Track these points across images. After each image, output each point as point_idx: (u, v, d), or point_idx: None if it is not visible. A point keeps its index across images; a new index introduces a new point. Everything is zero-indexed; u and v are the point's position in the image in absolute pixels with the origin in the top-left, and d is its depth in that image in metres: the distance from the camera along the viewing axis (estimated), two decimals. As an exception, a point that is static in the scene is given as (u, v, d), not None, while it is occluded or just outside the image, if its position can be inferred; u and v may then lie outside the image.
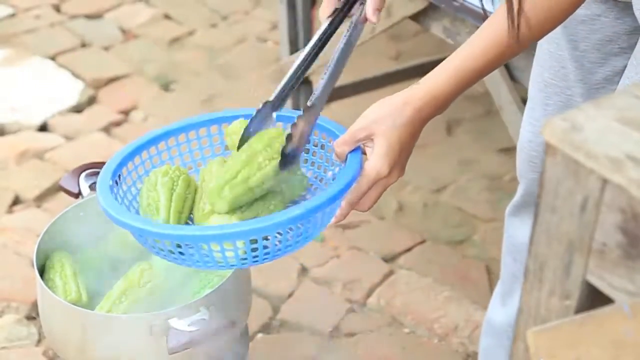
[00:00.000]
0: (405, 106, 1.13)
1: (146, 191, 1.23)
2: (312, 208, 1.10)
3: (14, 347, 1.84)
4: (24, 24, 3.00)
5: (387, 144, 1.13)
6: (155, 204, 1.20)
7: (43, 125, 2.54)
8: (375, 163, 1.13)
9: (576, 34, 1.30)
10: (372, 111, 1.15)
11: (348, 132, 1.17)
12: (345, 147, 1.16)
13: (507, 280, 1.59)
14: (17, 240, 2.09)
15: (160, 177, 1.22)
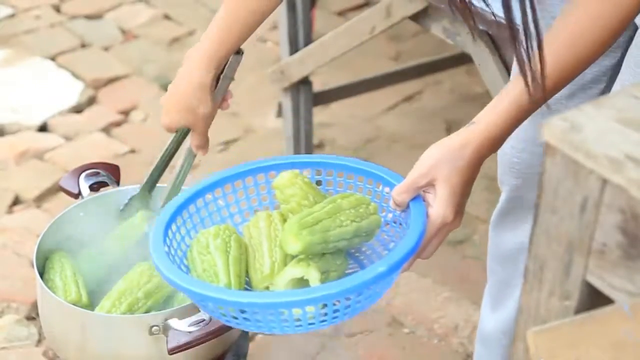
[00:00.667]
0: (464, 148, 1.11)
1: (198, 255, 1.18)
2: (397, 262, 1.07)
3: (14, 347, 1.83)
4: (24, 24, 3.00)
5: (450, 189, 1.11)
6: (212, 269, 1.16)
7: (43, 126, 2.54)
8: (439, 209, 1.12)
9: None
10: (429, 156, 1.13)
11: (408, 179, 1.14)
12: (406, 195, 1.14)
13: (495, 287, 1.58)
14: (17, 240, 2.09)
15: (212, 239, 1.18)
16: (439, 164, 1.11)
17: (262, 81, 2.63)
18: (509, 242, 1.51)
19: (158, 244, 1.17)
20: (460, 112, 2.61)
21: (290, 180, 1.22)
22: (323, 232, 1.14)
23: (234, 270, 1.17)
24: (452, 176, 1.11)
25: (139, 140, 2.49)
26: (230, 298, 1.08)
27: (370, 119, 2.64)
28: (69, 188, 1.52)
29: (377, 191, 1.23)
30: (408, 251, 1.08)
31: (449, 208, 1.12)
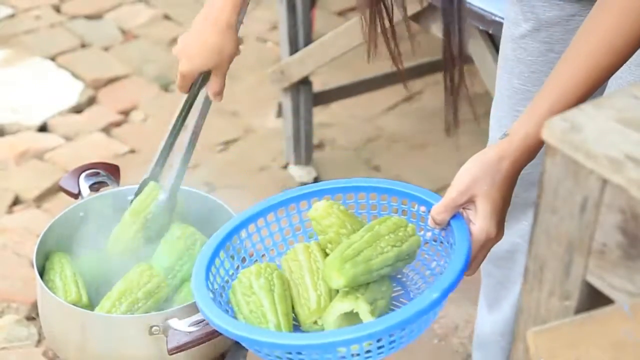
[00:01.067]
0: (501, 161, 1.10)
1: (242, 296, 1.16)
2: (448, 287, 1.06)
3: (14, 347, 1.84)
4: (24, 24, 3.00)
5: (492, 204, 1.10)
6: (259, 310, 1.14)
7: (43, 126, 2.54)
8: (483, 225, 1.11)
9: (550, 36, 1.29)
10: (466, 172, 1.11)
11: (447, 197, 1.13)
12: (446, 214, 1.13)
13: (491, 288, 1.58)
14: (17, 240, 2.09)
15: (255, 279, 1.16)
16: (478, 180, 1.10)
17: (262, 81, 2.63)
18: (503, 243, 1.50)
19: (202, 290, 1.15)
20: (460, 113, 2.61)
21: (326, 211, 1.21)
22: (365, 262, 1.12)
23: (281, 309, 1.15)
24: (492, 191, 1.10)
25: (138, 140, 2.49)
26: (286, 342, 1.06)
27: (370, 119, 2.64)
28: (69, 188, 1.52)
29: (413, 210, 1.21)
30: (458, 274, 1.07)
31: (492, 223, 1.11)
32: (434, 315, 1.11)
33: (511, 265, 1.51)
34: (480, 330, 1.62)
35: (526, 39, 1.30)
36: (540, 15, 1.27)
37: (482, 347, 1.62)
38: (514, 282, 1.52)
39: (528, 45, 1.31)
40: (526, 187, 1.41)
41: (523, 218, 1.46)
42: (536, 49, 1.30)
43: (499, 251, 1.51)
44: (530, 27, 1.29)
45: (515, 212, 1.46)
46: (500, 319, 1.56)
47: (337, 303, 1.12)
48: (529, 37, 1.30)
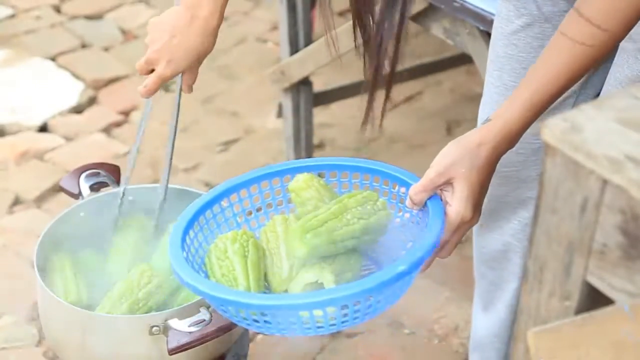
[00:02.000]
0: (481, 146, 1.12)
1: (217, 260, 1.18)
2: (417, 261, 1.07)
3: (14, 348, 1.83)
4: (24, 24, 3.00)
5: (469, 187, 1.11)
6: (231, 274, 1.16)
7: (43, 126, 2.54)
8: (458, 208, 1.12)
9: (543, 32, 1.29)
10: (446, 155, 1.12)
11: (425, 178, 1.14)
12: (424, 194, 1.14)
13: (485, 290, 1.57)
14: (18, 241, 2.09)
15: (230, 244, 1.18)
16: (457, 162, 1.11)
17: (262, 81, 2.63)
18: (495, 243, 1.50)
19: (176, 250, 1.16)
20: (460, 112, 2.61)
21: (306, 183, 1.22)
22: (329, 232, 1.13)
23: (252, 274, 1.17)
24: (470, 174, 1.11)
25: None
26: (251, 301, 1.08)
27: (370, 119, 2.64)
28: (69, 188, 1.52)
29: (394, 192, 1.23)
30: (427, 249, 1.08)
31: (468, 206, 1.12)
32: (402, 288, 1.12)
33: (504, 266, 1.51)
34: (476, 332, 1.62)
35: (518, 34, 1.31)
36: (533, 11, 1.27)
37: (478, 348, 1.62)
38: (507, 282, 1.52)
39: (520, 41, 1.31)
40: (516, 185, 1.41)
41: (513, 217, 1.46)
42: (528, 45, 1.31)
43: (491, 252, 1.51)
44: (523, 22, 1.30)
45: (506, 212, 1.46)
46: (495, 319, 1.56)
47: (303, 273, 1.14)
48: (522, 33, 1.30)
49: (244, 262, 1.17)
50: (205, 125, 2.58)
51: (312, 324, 1.08)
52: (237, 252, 1.17)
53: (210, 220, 1.25)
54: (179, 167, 2.39)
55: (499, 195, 1.43)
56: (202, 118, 2.60)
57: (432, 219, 1.11)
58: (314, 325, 1.08)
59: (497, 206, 1.45)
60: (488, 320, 1.57)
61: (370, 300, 1.08)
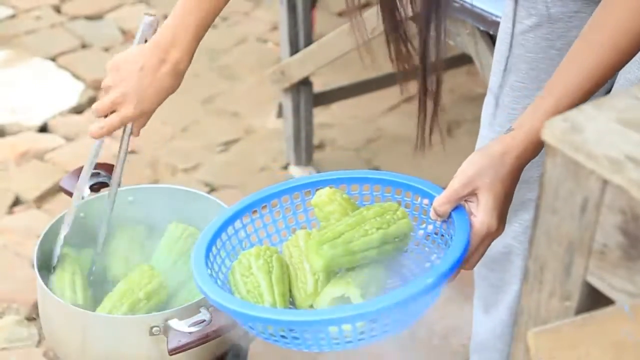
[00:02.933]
0: (505, 156, 1.10)
1: (241, 277, 1.17)
2: (444, 273, 1.06)
3: (15, 348, 1.83)
4: (25, 24, 3.00)
5: (494, 198, 1.10)
6: (257, 290, 1.15)
7: (43, 126, 2.54)
8: (484, 219, 1.10)
9: (552, 32, 1.29)
10: (470, 165, 1.11)
11: (449, 189, 1.13)
12: (448, 205, 1.13)
13: (485, 292, 1.57)
14: (18, 241, 2.09)
15: (254, 260, 1.17)
16: (481, 173, 1.10)
17: (262, 82, 2.63)
18: (496, 245, 1.49)
19: (201, 267, 1.15)
20: (460, 113, 2.61)
21: (329, 198, 1.21)
22: (345, 244, 1.12)
23: (277, 289, 1.16)
24: (495, 185, 1.10)
25: (139, 141, 2.48)
26: (280, 317, 1.07)
27: (370, 119, 2.64)
28: (69, 189, 1.52)
29: (416, 203, 1.22)
30: (454, 262, 1.07)
31: (493, 217, 1.11)
32: (429, 301, 1.11)
33: (506, 268, 1.50)
34: (477, 334, 1.61)
35: (526, 35, 1.30)
36: (542, 12, 1.27)
37: (479, 350, 1.62)
38: (509, 284, 1.51)
39: (528, 41, 1.31)
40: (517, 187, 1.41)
41: (515, 220, 1.45)
42: (536, 45, 1.30)
43: (492, 254, 1.50)
44: (532, 23, 1.29)
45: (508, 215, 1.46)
46: (496, 321, 1.55)
47: (329, 288, 1.13)
48: (530, 34, 1.30)
49: (268, 278, 1.16)
50: (206, 125, 2.58)
51: (341, 338, 1.07)
52: (262, 268, 1.16)
53: (233, 237, 1.24)
54: (179, 167, 2.39)
55: None
56: (202, 118, 2.60)
57: (458, 231, 1.10)
58: (342, 340, 1.07)
59: None
60: (489, 322, 1.57)
61: (398, 313, 1.07)
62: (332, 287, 1.13)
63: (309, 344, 1.08)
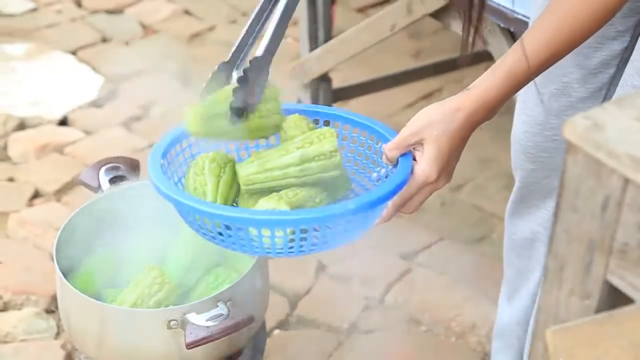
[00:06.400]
0: (457, 112, 1.14)
1: (193, 175, 1.24)
2: (366, 203, 1.11)
3: (33, 339, 1.85)
4: (46, 18, 3.02)
5: (437, 150, 1.14)
6: (202, 188, 1.22)
7: (63, 120, 2.55)
8: (424, 168, 1.15)
9: None
10: (423, 116, 1.16)
11: (399, 136, 1.17)
12: (397, 151, 1.18)
13: (511, 278, 1.59)
14: (37, 233, 2.11)
15: (208, 162, 1.24)
16: (431, 125, 1.14)
17: (281, 77, 2.63)
18: (523, 230, 1.51)
19: (156, 156, 1.22)
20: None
21: (295, 123, 1.27)
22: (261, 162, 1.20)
23: (221, 192, 1.22)
24: (441, 138, 1.14)
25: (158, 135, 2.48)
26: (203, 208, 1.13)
27: (389, 115, 2.63)
28: (89, 182, 1.53)
29: (377, 147, 1.26)
30: (381, 196, 1.12)
31: (433, 167, 1.15)
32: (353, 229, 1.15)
33: (531, 254, 1.52)
34: (500, 320, 1.63)
35: None
36: None
37: (500, 336, 1.63)
38: (532, 271, 1.53)
39: None
40: (547, 173, 1.42)
41: (543, 206, 1.47)
42: None
43: (519, 239, 1.52)
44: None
45: (536, 200, 1.46)
46: (517, 307, 1.57)
47: (261, 201, 1.18)
48: None
49: (216, 181, 1.22)
50: (224, 120, 2.59)
51: (272, 244, 1.12)
52: (213, 171, 1.23)
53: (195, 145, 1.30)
54: (198, 161, 2.40)
55: (532, 181, 1.44)
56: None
57: (397, 172, 1.16)
58: (273, 247, 1.13)
59: (530, 193, 1.46)
60: (512, 308, 1.59)
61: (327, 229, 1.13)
62: (265, 201, 1.18)
63: (242, 245, 1.15)
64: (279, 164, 1.20)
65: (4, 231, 2.13)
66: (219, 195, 1.22)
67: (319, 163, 1.21)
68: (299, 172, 1.20)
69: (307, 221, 1.11)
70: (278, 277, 1.97)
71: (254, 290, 1.40)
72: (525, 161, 1.44)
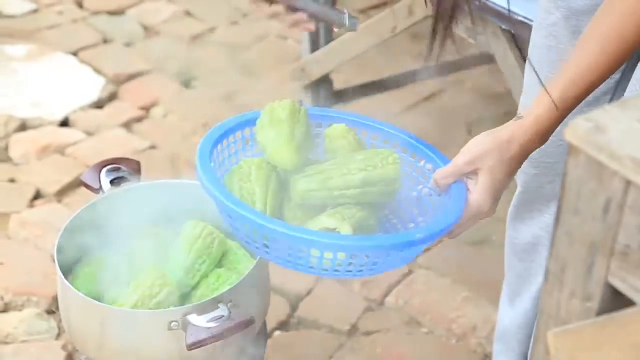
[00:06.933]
0: (511, 143, 1.14)
1: (238, 181, 1.20)
2: (433, 233, 1.10)
3: (34, 340, 1.85)
4: (47, 19, 3.02)
5: (493, 180, 1.15)
6: (250, 197, 1.18)
7: (64, 121, 2.55)
8: (478, 198, 1.15)
9: (579, 24, 1.30)
10: (476, 145, 1.16)
11: (453, 165, 1.17)
12: (450, 179, 1.18)
13: (512, 281, 1.59)
14: (38, 234, 2.11)
15: (255, 169, 1.20)
16: (486, 155, 1.14)
17: (283, 79, 2.63)
18: (525, 235, 1.51)
19: (205, 159, 1.17)
20: (481, 112, 2.60)
21: (342, 133, 1.24)
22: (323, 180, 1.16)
23: (270, 202, 1.18)
24: (496, 168, 1.14)
25: (159, 137, 2.50)
26: (271, 225, 1.08)
27: (390, 117, 2.63)
28: (90, 183, 1.53)
29: (419, 166, 1.25)
30: (444, 228, 1.12)
31: (488, 198, 1.15)
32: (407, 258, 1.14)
33: (533, 258, 1.52)
34: (502, 323, 1.63)
35: (557, 26, 1.32)
36: (571, 4, 1.29)
37: (501, 339, 1.63)
38: (535, 275, 1.53)
39: (559, 32, 1.32)
40: (551, 179, 1.42)
41: (547, 211, 1.47)
42: (566, 37, 1.32)
43: (522, 243, 1.52)
44: (561, 15, 1.31)
45: (539, 205, 1.46)
46: (520, 311, 1.57)
47: (324, 217, 1.15)
48: (560, 25, 1.31)
49: (265, 189, 1.18)
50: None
51: (319, 265, 1.09)
52: (261, 179, 1.19)
53: (239, 141, 1.26)
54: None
55: (535, 186, 1.45)
56: (223, 114, 2.60)
57: (454, 203, 1.15)
58: (319, 267, 1.10)
59: (532, 198, 1.46)
60: (514, 312, 1.59)
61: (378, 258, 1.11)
62: (328, 217, 1.15)
63: (286, 260, 1.11)
64: (340, 185, 1.17)
65: (5, 232, 2.13)
66: (269, 206, 1.18)
67: (380, 188, 1.19)
68: (358, 194, 1.18)
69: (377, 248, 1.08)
70: (279, 278, 1.97)
71: (255, 292, 1.40)
72: (529, 166, 1.44)
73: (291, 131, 1.19)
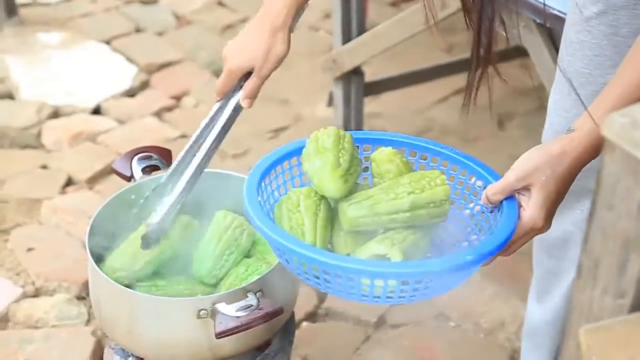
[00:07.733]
0: (564, 155, 1.12)
1: (287, 212, 1.19)
2: (484, 254, 1.08)
3: (65, 325, 1.87)
4: (80, 8, 3.04)
5: (546, 195, 1.12)
6: (300, 228, 1.17)
7: (96, 109, 2.57)
8: (532, 214, 1.12)
9: (617, 19, 1.28)
10: (528, 160, 1.13)
11: (504, 181, 1.15)
12: (501, 195, 1.15)
13: (541, 278, 1.57)
14: (70, 221, 2.13)
15: (303, 199, 1.19)
16: (538, 170, 1.12)
17: (313, 70, 2.64)
18: (555, 230, 1.50)
19: (252, 193, 1.17)
20: (512, 106, 2.59)
21: (389, 157, 1.23)
22: (371, 205, 1.15)
23: (320, 232, 1.17)
24: (549, 183, 1.11)
25: (190, 126, 2.51)
26: (319, 257, 1.07)
27: (420, 110, 2.63)
28: (122, 171, 1.54)
29: (469, 183, 1.23)
30: (496, 247, 1.09)
31: (541, 214, 1.12)
32: (460, 279, 1.12)
33: (563, 255, 1.51)
34: (530, 319, 1.62)
35: (592, 21, 1.30)
36: None
37: (531, 336, 1.62)
38: (565, 271, 1.52)
39: (593, 28, 1.30)
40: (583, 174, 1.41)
41: (577, 206, 1.46)
42: (601, 32, 1.30)
43: (551, 239, 1.51)
44: (597, 10, 1.29)
45: (570, 201, 1.45)
46: (550, 308, 1.56)
47: (373, 244, 1.14)
48: (595, 20, 1.29)
49: (314, 219, 1.17)
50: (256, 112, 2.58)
51: (370, 293, 1.08)
52: (309, 208, 1.18)
53: (286, 171, 1.26)
54: (229, 153, 2.41)
55: None
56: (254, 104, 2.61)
57: (506, 220, 1.12)
58: (371, 295, 1.08)
59: None
60: (543, 308, 1.57)
61: (430, 282, 1.09)
62: (377, 243, 1.14)
63: (339, 290, 1.10)
64: (388, 209, 1.15)
65: (37, 218, 2.15)
66: (319, 236, 1.17)
67: (429, 210, 1.18)
68: (407, 218, 1.16)
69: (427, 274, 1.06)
70: (307, 269, 1.97)
71: (283, 282, 1.40)
72: None
73: (336, 159, 1.18)
